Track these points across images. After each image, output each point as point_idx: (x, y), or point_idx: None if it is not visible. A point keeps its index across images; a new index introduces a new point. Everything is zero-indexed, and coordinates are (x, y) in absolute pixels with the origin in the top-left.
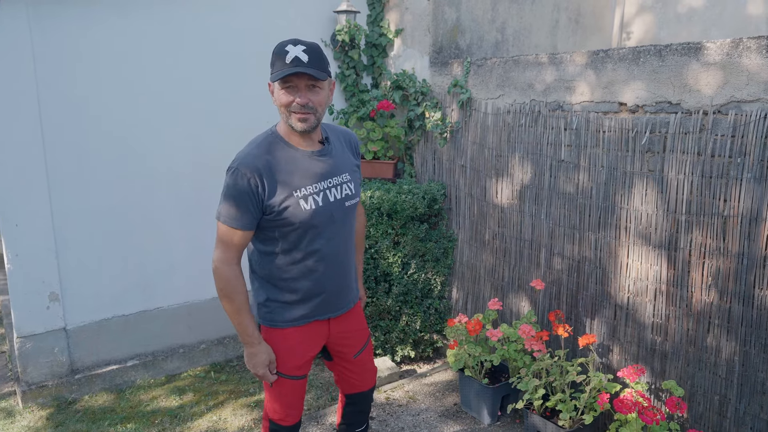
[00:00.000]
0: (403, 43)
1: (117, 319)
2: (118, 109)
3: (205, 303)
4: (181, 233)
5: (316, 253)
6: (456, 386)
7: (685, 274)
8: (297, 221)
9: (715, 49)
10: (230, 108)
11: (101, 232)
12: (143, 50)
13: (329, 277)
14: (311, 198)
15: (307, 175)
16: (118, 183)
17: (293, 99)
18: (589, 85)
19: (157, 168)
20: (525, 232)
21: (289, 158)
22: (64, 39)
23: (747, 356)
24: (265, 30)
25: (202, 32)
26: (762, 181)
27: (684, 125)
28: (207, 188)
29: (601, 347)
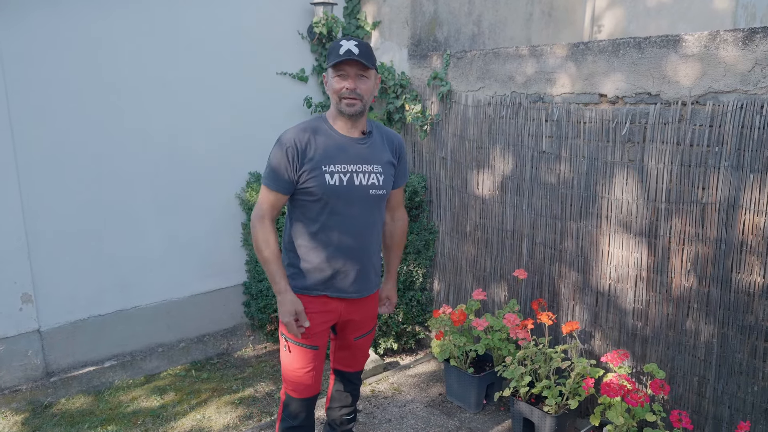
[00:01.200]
0: (381, 35)
1: (93, 319)
2: (92, 104)
3: (185, 300)
4: (158, 230)
5: (331, 230)
6: (440, 376)
7: (665, 260)
8: (319, 193)
9: (693, 42)
10: (208, 101)
11: (75, 230)
12: (118, 44)
13: (341, 257)
14: (338, 175)
15: (340, 156)
16: (93, 179)
17: (344, 85)
18: (569, 77)
19: (133, 163)
20: (507, 223)
21: (329, 138)
22: (35, 31)
23: (725, 338)
24: (242, 23)
25: (177, 25)
26: (739, 169)
27: (663, 116)
28: (185, 183)
29: (584, 333)
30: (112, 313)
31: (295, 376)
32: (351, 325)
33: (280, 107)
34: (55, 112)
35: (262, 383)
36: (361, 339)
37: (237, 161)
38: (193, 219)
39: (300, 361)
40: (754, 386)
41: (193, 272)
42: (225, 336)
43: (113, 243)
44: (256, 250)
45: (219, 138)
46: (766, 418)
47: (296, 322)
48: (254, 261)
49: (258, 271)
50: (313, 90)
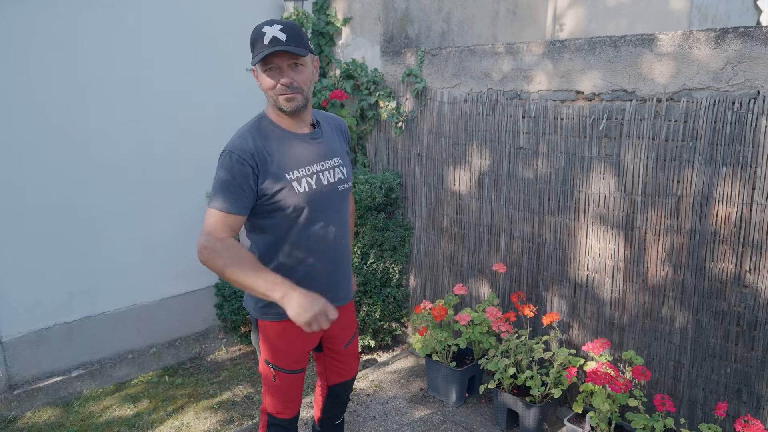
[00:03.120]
0: (352, 32)
1: (59, 327)
2: (55, 102)
3: (155, 304)
4: (127, 231)
5: (308, 241)
6: (419, 372)
7: (641, 251)
8: (291, 204)
9: (668, 41)
10: (175, 98)
11: (39, 234)
12: (84, 40)
13: (325, 266)
14: (304, 180)
15: (300, 158)
16: (57, 180)
17: (277, 80)
18: (546, 75)
19: (99, 163)
20: (484, 218)
21: (281, 141)
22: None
23: (699, 324)
24: (211, 16)
25: (145, 18)
26: (712, 163)
27: (639, 112)
28: (154, 183)
29: (562, 324)
30: (79, 320)
31: (280, 398)
32: (338, 336)
33: (251, 104)
34: (13, 109)
35: (240, 386)
36: (350, 344)
37: (208, 159)
38: (163, 220)
39: (289, 389)
40: (726, 368)
41: (163, 275)
42: (197, 339)
43: (79, 247)
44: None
45: (189, 136)
46: (738, 398)
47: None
48: None
49: None
50: None
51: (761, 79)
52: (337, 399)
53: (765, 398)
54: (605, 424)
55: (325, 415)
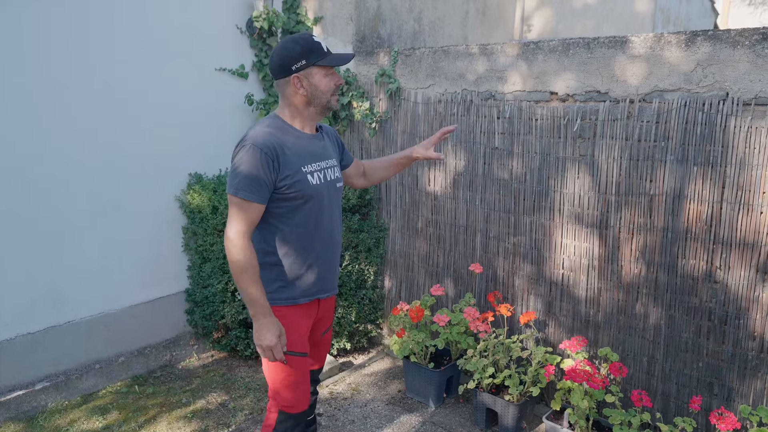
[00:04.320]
0: (324, 31)
1: (21, 338)
2: (17, 101)
3: (123, 312)
4: (93, 237)
5: (316, 231)
6: (396, 373)
7: (616, 249)
8: (306, 195)
9: (640, 43)
10: (142, 99)
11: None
12: (46, 36)
13: (326, 256)
14: (316, 174)
15: (310, 154)
16: (19, 183)
17: (335, 82)
18: (520, 75)
19: (64, 165)
20: (460, 218)
21: (294, 139)
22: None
23: (672, 319)
24: (177, 15)
25: (112, 17)
26: (683, 162)
27: (612, 113)
28: (121, 186)
29: (538, 323)
30: (42, 331)
31: (292, 389)
32: (320, 323)
33: (220, 105)
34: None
35: (214, 393)
36: (327, 333)
37: (176, 162)
38: (130, 224)
39: (297, 372)
40: (699, 362)
41: (131, 281)
42: (167, 347)
43: (44, 253)
44: (240, 273)
45: (156, 138)
46: (710, 391)
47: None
48: (197, 266)
49: (202, 278)
50: (254, 86)
51: (730, 81)
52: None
53: (735, 391)
54: (583, 421)
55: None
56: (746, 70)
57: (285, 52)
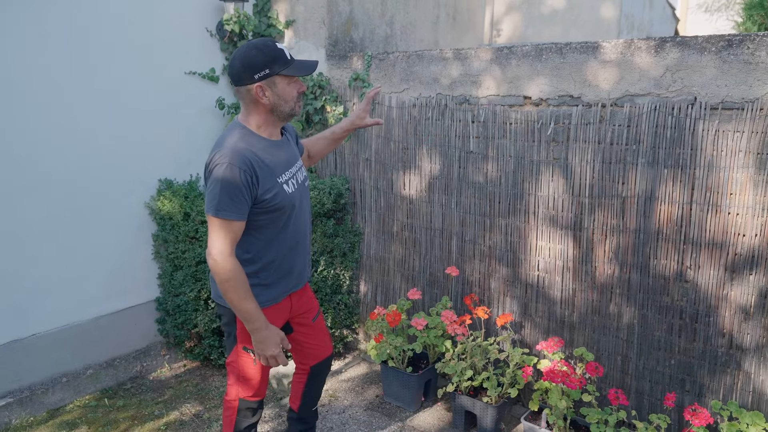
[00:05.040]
0: (296, 35)
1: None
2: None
3: (90, 323)
4: (57, 246)
5: (293, 234)
6: (373, 378)
7: (590, 251)
8: (284, 205)
9: (611, 49)
10: (110, 103)
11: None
12: (3, 35)
13: (300, 254)
14: (290, 182)
15: (281, 163)
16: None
17: (297, 89)
18: (494, 80)
19: (24, 172)
20: (435, 222)
21: (264, 148)
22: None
23: (644, 318)
24: (145, 18)
25: (78, 19)
26: (654, 165)
27: (585, 117)
28: (86, 193)
29: (515, 324)
30: (5, 345)
31: (258, 381)
32: (303, 313)
33: (191, 109)
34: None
35: (187, 405)
36: (317, 317)
37: (145, 168)
38: (97, 232)
39: (264, 371)
40: (671, 360)
41: (98, 291)
42: (137, 357)
43: (4, 264)
44: (229, 290)
45: (124, 143)
46: (682, 387)
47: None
48: (168, 274)
49: (173, 286)
50: (225, 90)
51: (698, 86)
52: (317, 378)
53: (706, 386)
54: (561, 421)
55: (305, 400)
56: (713, 75)
57: (247, 60)
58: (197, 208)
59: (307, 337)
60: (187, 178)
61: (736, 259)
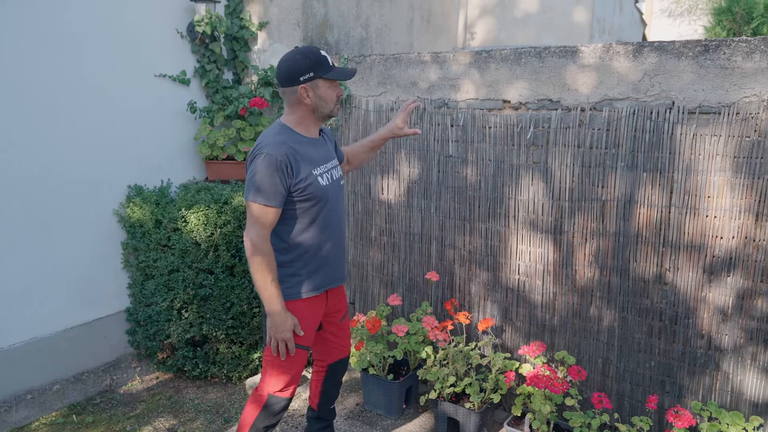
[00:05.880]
0: (269, 37)
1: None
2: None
3: (56, 336)
4: (19, 257)
5: (328, 227)
6: (353, 386)
7: (570, 254)
8: (318, 195)
9: (589, 53)
10: (76, 107)
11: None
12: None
13: (335, 249)
14: (324, 176)
15: (317, 158)
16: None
17: (336, 93)
18: (473, 84)
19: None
20: (414, 227)
21: (302, 144)
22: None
23: (625, 321)
24: (113, 19)
25: (48, 18)
26: (633, 168)
27: (564, 121)
28: (52, 201)
29: (495, 328)
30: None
31: (289, 377)
32: (335, 309)
33: (162, 113)
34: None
35: (161, 418)
36: (345, 318)
37: (114, 174)
38: (63, 241)
39: (298, 364)
40: (651, 362)
41: (65, 303)
42: (107, 371)
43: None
44: (260, 273)
45: (91, 148)
46: (662, 389)
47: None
48: (139, 284)
49: (144, 296)
50: (197, 93)
51: (675, 90)
52: (335, 377)
53: (686, 387)
54: (545, 425)
55: (323, 398)
56: (690, 80)
57: (294, 64)
58: (169, 215)
59: (334, 336)
60: (158, 184)
61: (714, 261)
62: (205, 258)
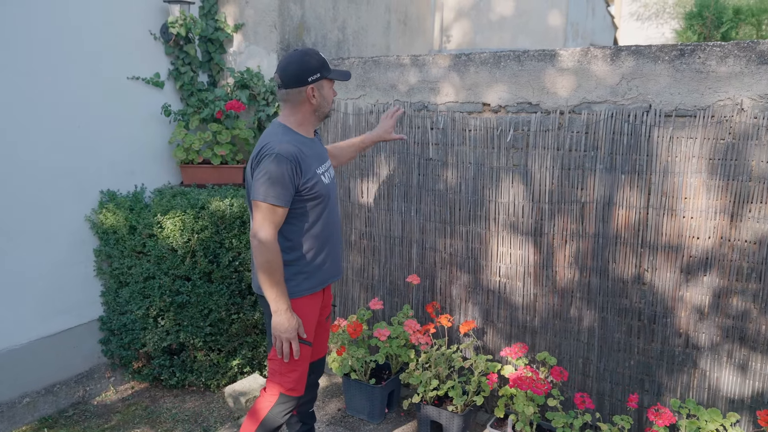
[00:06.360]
0: (245, 39)
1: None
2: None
3: (25, 348)
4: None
5: (328, 225)
6: (334, 392)
7: (550, 256)
8: (323, 193)
9: (568, 57)
10: (46, 110)
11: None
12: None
13: (334, 246)
14: (325, 174)
15: (317, 157)
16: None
17: (334, 93)
18: (453, 87)
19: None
20: (395, 230)
21: (305, 144)
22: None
23: (604, 321)
24: (83, 19)
25: (9, 18)
26: (612, 170)
27: (544, 124)
28: (19, 207)
29: (477, 330)
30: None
31: (297, 375)
32: (325, 306)
33: (135, 116)
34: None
35: (137, 429)
36: (329, 317)
37: (86, 179)
38: (31, 249)
39: (304, 361)
40: (630, 361)
41: (34, 313)
42: (80, 382)
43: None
44: (267, 272)
45: (63, 152)
46: (641, 387)
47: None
48: (113, 292)
49: (118, 304)
50: (171, 96)
51: (652, 94)
52: (315, 376)
53: (665, 386)
54: (528, 427)
55: (303, 399)
56: (667, 83)
57: (304, 65)
58: (144, 221)
59: (317, 335)
60: (131, 189)
61: (690, 261)
62: (182, 264)
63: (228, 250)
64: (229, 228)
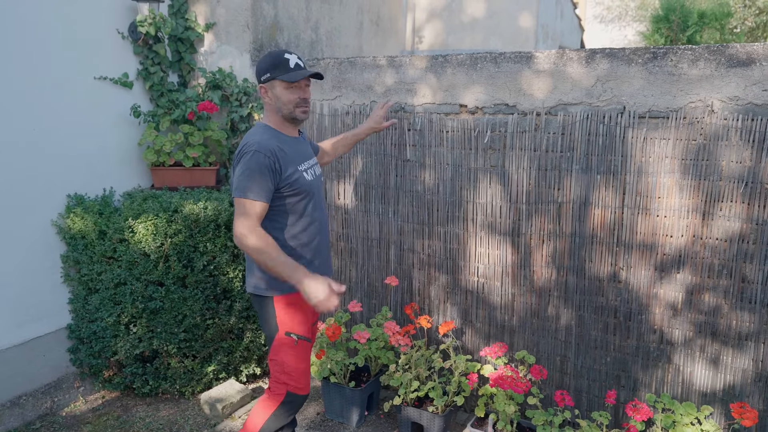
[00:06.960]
0: (217, 38)
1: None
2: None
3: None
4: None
5: (313, 221)
6: (313, 395)
7: (528, 255)
8: (305, 190)
9: (544, 59)
10: (8, 113)
11: None
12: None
13: (323, 244)
14: (308, 171)
15: (300, 155)
16: None
17: (298, 96)
18: (430, 88)
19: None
20: (372, 232)
21: (286, 142)
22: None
23: (581, 319)
24: (49, 18)
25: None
26: (588, 171)
27: (521, 125)
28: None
29: (456, 330)
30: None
31: (302, 372)
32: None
33: (103, 118)
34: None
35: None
36: (316, 322)
37: (52, 182)
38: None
39: (305, 357)
40: (607, 358)
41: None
42: (47, 392)
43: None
44: (263, 256)
45: (27, 155)
46: (618, 383)
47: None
48: (81, 299)
49: (88, 311)
50: (140, 97)
51: (626, 96)
52: None
53: (640, 381)
54: (509, 425)
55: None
56: (640, 85)
57: (258, 65)
58: (114, 226)
59: None
60: (100, 193)
61: (664, 259)
62: (154, 269)
63: (202, 254)
64: (203, 232)
